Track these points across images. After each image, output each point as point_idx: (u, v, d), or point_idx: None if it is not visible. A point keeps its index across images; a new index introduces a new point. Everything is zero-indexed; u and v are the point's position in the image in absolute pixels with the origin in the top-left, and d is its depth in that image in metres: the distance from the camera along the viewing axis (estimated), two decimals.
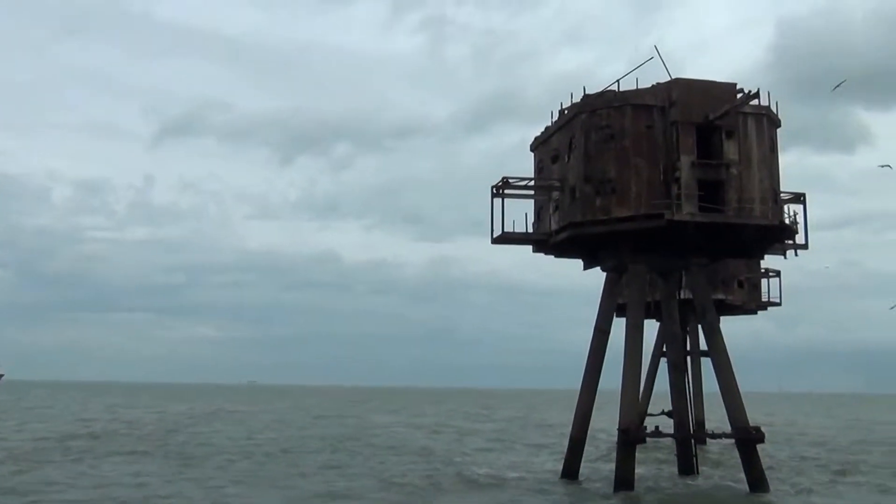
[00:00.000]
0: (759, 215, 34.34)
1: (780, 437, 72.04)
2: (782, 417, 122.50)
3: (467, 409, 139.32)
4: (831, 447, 62.91)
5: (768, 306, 63.29)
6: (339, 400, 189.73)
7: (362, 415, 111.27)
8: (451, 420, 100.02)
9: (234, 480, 37.36)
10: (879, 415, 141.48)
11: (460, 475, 40.28)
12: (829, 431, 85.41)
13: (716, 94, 34.81)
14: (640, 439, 35.02)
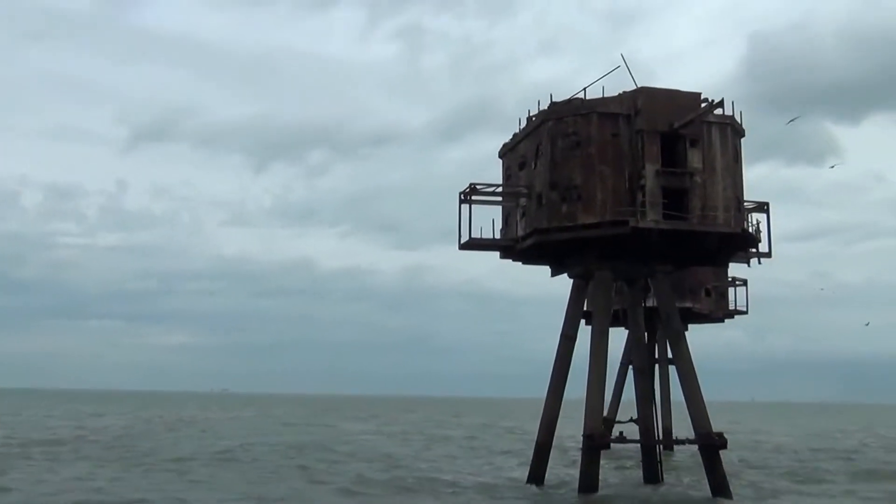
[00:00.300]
0: (723, 223, 34.73)
1: (747, 445, 72.72)
2: (750, 426, 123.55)
3: (439, 417, 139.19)
4: (794, 455, 63.58)
5: (735, 314, 63.91)
6: (311, 408, 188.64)
7: (332, 423, 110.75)
8: (421, 428, 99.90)
9: (194, 485, 37.09)
10: (846, 424, 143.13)
11: (423, 481, 40.29)
12: (793, 440, 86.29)
13: (680, 103, 35.20)
14: (605, 445, 35.22)
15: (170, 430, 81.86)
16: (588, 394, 35.70)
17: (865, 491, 40.21)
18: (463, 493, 36.31)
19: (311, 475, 41.94)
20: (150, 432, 78.81)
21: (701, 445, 35.90)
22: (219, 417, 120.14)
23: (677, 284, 60.79)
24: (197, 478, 40.11)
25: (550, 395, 38.73)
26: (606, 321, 36.95)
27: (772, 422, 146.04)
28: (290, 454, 55.20)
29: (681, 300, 60.97)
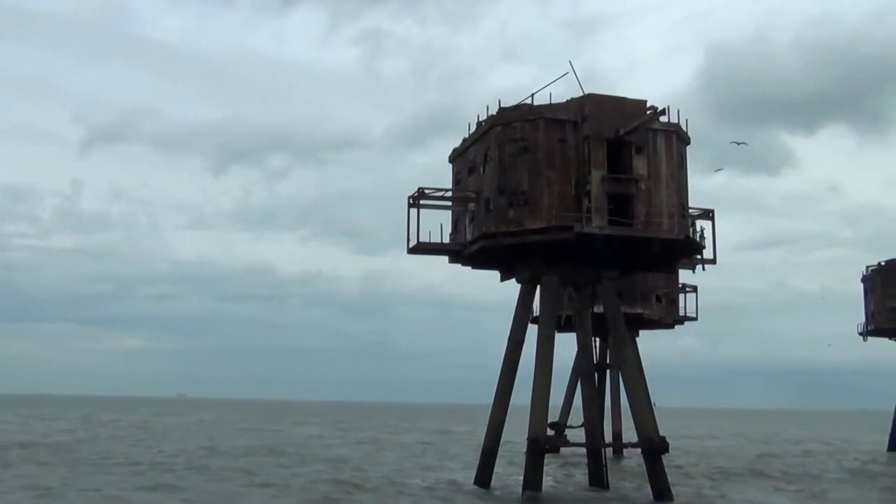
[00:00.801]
0: (667, 230, 35.17)
1: (694, 451, 73.69)
2: (701, 431, 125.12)
3: (396, 423, 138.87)
4: (738, 460, 64.55)
5: (685, 321, 64.82)
6: (267, 413, 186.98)
7: (286, 427, 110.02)
8: (375, 433, 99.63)
9: (138, 489, 36.63)
10: (795, 429, 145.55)
11: (369, 485, 40.15)
12: (740, 445, 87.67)
13: (626, 110, 35.62)
14: (549, 449, 35.39)
15: (123, 435, 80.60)
16: (533, 398, 35.90)
17: (793, 493, 40.91)
18: (407, 496, 36.25)
19: (256, 479, 41.58)
20: (103, 436, 77.65)
21: (643, 449, 36.32)
22: (175, 422, 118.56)
23: (629, 290, 61.61)
24: (145, 483, 39.55)
25: (497, 400, 38.92)
26: (552, 326, 37.23)
27: (723, 428, 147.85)
28: (238, 458, 54.72)
29: (632, 306, 61.72)
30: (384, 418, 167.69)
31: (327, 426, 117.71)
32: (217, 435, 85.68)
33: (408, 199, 37.79)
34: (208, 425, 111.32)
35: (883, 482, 47.93)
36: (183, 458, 53.32)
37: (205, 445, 66.84)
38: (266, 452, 59.67)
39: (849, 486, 45.13)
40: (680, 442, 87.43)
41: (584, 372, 41.14)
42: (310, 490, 37.96)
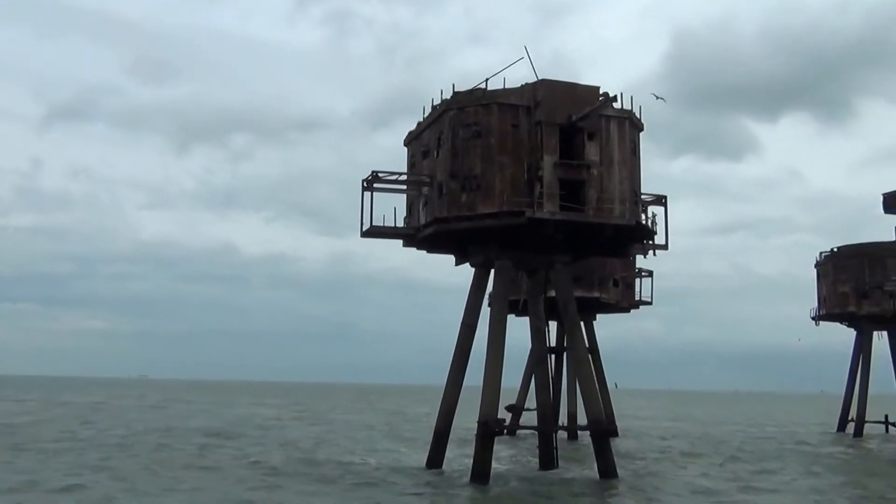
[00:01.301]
0: (618, 215, 35.44)
1: (646, 432, 74.83)
2: (656, 413, 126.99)
3: (357, 404, 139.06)
4: (688, 440, 65.81)
5: (640, 305, 65.58)
6: (228, 395, 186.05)
7: (246, 409, 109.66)
8: (335, 414, 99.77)
9: (72, 471, 36.35)
10: (750, 412, 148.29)
11: (319, 466, 40.28)
12: (692, 426, 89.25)
13: (580, 96, 35.74)
14: (499, 432, 35.64)
15: (73, 416, 79.73)
16: (485, 382, 36.10)
17: (731, 472, 41.72)
18: (355, 477, 36.37)
19: (207, 460, 41.47)
20: (53, 416, 76.82)
21: (591, 432, 36.78)
22: (128, 404, 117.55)
23: (586, 275, 62.24)
24: (93, 462, 39.32)
25: (450, 383, 39.08)
26: (505, 310, 37.38)
27: (678, 409, 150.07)
28: (192, 439, 54.54)
29: (589, 290, 62.46)
30: (345, 400, 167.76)
31: (286, 408, 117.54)
32: (172, 416, 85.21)
33: (362, 182, 37.69)
34: (165, 407, 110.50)
35: (823, 462, 49.08)
36: (131, 440, 53.02)
37: (156, 427, 66.45)
38: (222, 434, 59.46)
39: (788, 465, 46.15)
40: (633, 423, 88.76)
41: (536, 356, 41.41)
42: (254, 471, 37.98)
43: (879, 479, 40.73)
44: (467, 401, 39.12)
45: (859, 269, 67.67)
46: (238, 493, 31.31)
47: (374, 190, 37.81)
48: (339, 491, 32.55)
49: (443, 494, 32.21)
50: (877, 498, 34.12)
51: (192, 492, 31.52)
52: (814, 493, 34.71)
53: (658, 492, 33.67)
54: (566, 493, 32.57)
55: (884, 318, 68.99)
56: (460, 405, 38.61)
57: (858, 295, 68.42)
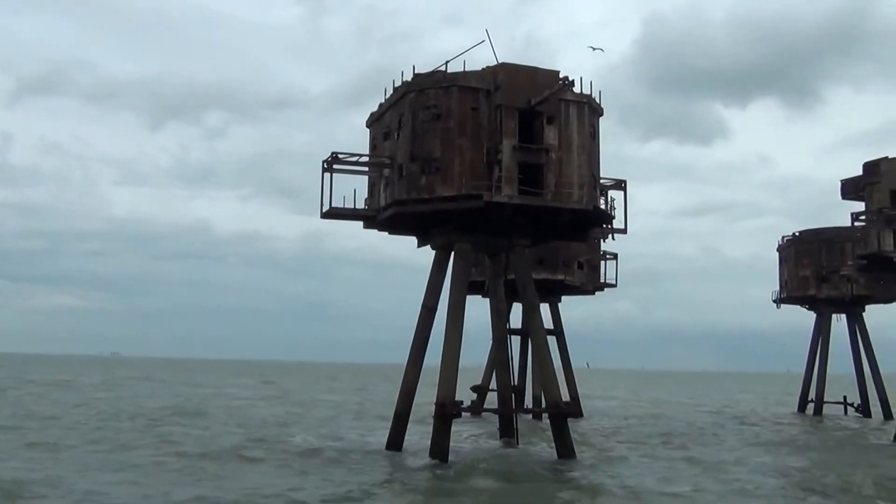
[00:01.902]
0: (576, 199, 35.69)
1: (615, 411, 75.75)
2: (625, 392, 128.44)
3: (328, 383, 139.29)
4: (650, 419, 66.75)
5: (605, 287, 66.08)
6: (199, 372, 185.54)
7: (213, 387, 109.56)
8: (302, 393, 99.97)
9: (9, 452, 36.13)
10: (717, 391, 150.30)
11: (278, 445, 40.48)
12: (655, 406, 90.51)
13: (539, 80, 35.85)
14: (456, 414, 35.94)
15: (36, 393, 79.40)
16: (442, 363, 36.36)
17: (680, 450, 42.64)
18: (312, 457, 36.63)
19: (160, 441, 41.42)
20: (10, 394, 76.40)
21: (550, 414, 37.25)
22: (95, 381, 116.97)
23: (551, 257, 62.65)
24: (34, 440, 39.51)
25: (410, 364, 39.26)
26: (463, 292, 37.58)
27: (645, 390, 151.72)
28: (151, 417, 54.63)
29: (553, 272, 62.86)
30: (316, 378, 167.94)
31: (255, 387, 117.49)
32: (137, 394, 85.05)
33: (322, 163, 37.62)
34: (132, 384, 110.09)
35: (775, 438, 50.15)
36: (84, 418, 52.99)
37: (116, 405, 66.33)
38: (183, 413, 59.51)
39: (739, 445, 47.29)
40: (600, 403, 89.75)
41: (496, 338, 41.72)
42: (210, 447, 38.15)
43: (810, 455, 41.78)
44: (434, 381, 39.26)
45: (818, 254, 68.79)
46: (180, 474, 31.35)
47: (334, 171, 37.74)
48: (280, 468, 32.87)
49: (397, 473, 32.49)
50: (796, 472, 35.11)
51: (132, 468, 31.63)
52: (751, 471, 35.51)
53: (612, 471, 34.20)
54: (522, 473, 33.01)
55: (842, 301, 70.22)
56: (428, 385, 38.86)
57: (818, 279, 69.55)
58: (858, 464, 38.90)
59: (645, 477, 33.12)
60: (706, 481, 32.59)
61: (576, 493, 29.16)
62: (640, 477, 33.07)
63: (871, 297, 70.16)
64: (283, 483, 29.44)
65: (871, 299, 70.45)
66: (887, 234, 48.17)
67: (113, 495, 26.30)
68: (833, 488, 31.54)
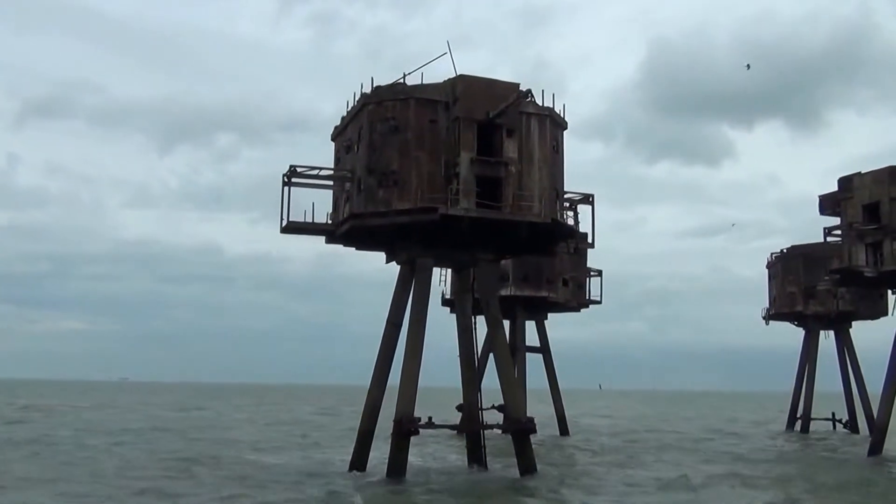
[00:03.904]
0: (535, 213, 35.15)
1: (604, 429, 74.73)
2: (624, 412, 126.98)
3: (333, 404, 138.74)
4: (630, 439, 65.79)
5: (590, 304, 65.44)
6: (203, 396, 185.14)
7: (208, 410, 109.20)
8: (300, 415, 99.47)
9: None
10: (721, 410, 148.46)
11: (242, 467, 39.97)
12: (646, 424, 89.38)
13: (498, 92, 35.44)
14: (415, 431, 35.27)
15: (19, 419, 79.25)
16: (402, 380, 35.82)
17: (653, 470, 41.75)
18: (271, 479, 36.03)
19: (118, 463, 41.03)
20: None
21: (512, 431, 36.55)
22: (85, 405, 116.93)
23: (535, 274, 62.14)
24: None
25: (374, 383, 38.66)
26: (424, 309, 36.98)
27: (645, 409, 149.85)
28: (108, 437, 54.71)
29: (538, 289, 62.29)
30: (327, 400, 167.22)
31: (251, 408, 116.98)
32: (118, 418, 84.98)
33: (282, 177, 37.29)
34: (133, 408, 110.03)
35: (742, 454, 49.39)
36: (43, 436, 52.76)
37: (84, 427, 66.12)
38: (163, 436, 59.14)
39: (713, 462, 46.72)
40: (592, 421, 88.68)
41: (463, 356, 40.78)
42: (153, 469, 37.78)
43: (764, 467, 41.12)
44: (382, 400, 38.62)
45: (802, 270, 68.12)
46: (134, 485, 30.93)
47: (294, 185, 37.40)
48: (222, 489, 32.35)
49: (334, 492, 31.93)
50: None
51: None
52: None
53: (566, 489, 33.50)
54: (477, 491, 32.35)
55: (828, 317, 69.48)
56: (420, 403, 38.26)
57: (805, 295, 68.74)
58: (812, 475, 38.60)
59: (597, 496, 32.39)
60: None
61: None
62: (591, 495, 32.35)
63: (857, 314, 69.40)
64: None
65: (857, 315, 69.67)
66: (859, 248, 47.52)
67: None
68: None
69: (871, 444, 50.51)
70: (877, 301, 66.49)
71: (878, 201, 47.05)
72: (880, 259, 47.48)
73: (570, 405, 69.21)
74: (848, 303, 68.40)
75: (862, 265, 47.93)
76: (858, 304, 68.53)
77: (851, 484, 37.67)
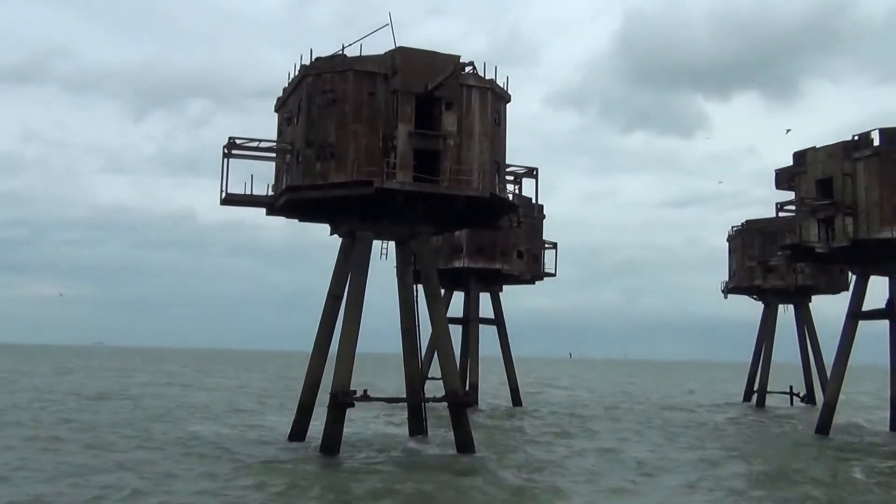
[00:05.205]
0: (475, 188, 35.05)
1: (559, 400, 75.43)
2: (583, 382, 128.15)
3: (301, 373, 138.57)
4: (586, 409, 66.54)
5: (545, 276, 65.68)
6: (178, 361, 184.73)
7: (168, 375, 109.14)
8: (253, 381, 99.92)
9: None
10: (679, 380, 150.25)
11: (178, 437, 40.08)
12: (598, 395, 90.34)
13: (438, 65, 35.05)
14: (349, 403, 35.34)
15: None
16: (339, 354, 35.83)
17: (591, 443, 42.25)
18: (198, 446, 36.28)
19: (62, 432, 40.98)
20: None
21: (448, 404, 36.75)
22: (46, 371, 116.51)
23: (490, 246, 62.15)
24: None
25: (315, 353, 38.83)
26: (363, 281, 36.90)
27: (601, 379, 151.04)
28: (69, 404, 54.74)
29: (492, 262, 62.36)
30: (290, 367, 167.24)
31: (214, 374, 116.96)
32: (75, 381, 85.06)
33: (222, 148, 36.88)
34: (82, 371, 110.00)
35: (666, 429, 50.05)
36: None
37: (42, 390, 66.02)
38: (96, 397, 59.66)
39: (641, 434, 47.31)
40: (548, 393, 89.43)
41: (404, 328, 40.77)
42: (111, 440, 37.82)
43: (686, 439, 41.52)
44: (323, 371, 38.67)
45: (760, 244, 68.50)
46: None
47: (234, 156, 37.01)
48: (162, 458, 32.51)
49: (274, 463, 32.07)
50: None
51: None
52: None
53: (494, 464, 33.71)
54: (406, 465, 32.54)
55: (788, 291, 69.97)
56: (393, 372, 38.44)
57: (764, 269, 69.24)
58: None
59: (528, 465, 32.77)
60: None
61: (431, 483, 28.70)
62: (524, 465, 32.77)
63: (817, 288, 70.01)
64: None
65: (817, 290, 70.27)
66: (811, 223, 47.69)
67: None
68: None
69: (819, 422, 49.29)
70: (836, 276, 67.21)
71: (832, 176, 46.70)
72: (831, 235, 47.58)
73: (531, 374, 69.45)
74: (808, 277, 68.86)
75: (813, 240, 47.88)
76: (818, 279, 69.12)
77: (781, 465, 35.79)
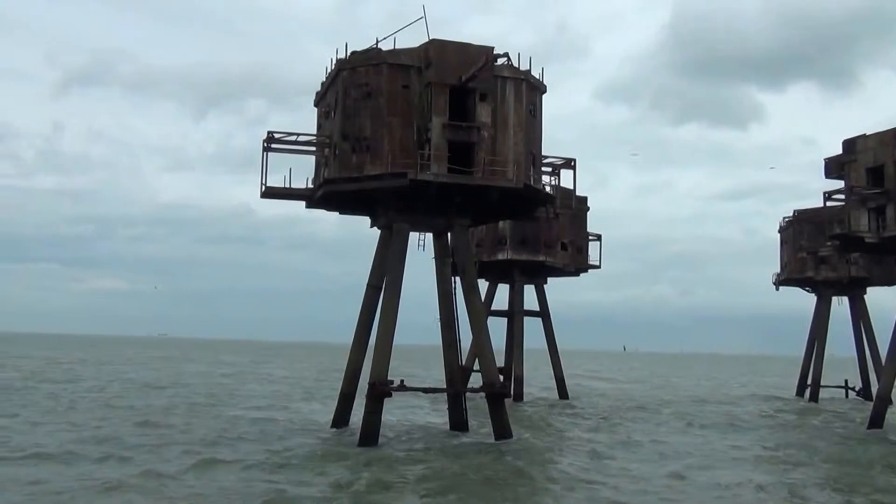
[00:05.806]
0: (509, 179, 35.06)
1: (607, 392, 74.92)
2: (634, 374, 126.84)
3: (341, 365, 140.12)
4: (631, 401, 66.02)
5: (589, 268, 65.16)
6: (238, 353, 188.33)
7: (227, 365, 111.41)
8: (307, 372, 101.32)
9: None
10: (747, 374, 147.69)
11: (220, 418, 41.19)
12: (649, 388, 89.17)
13: (471, 56, 35.16)
14: (387, 393, 35.71)
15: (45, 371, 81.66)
16: (377, 344, 36.20)
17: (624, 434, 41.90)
18: (231, 430, 37.08)
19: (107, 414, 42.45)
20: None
21: (486, 394, 36.89)
22: (111, 358, 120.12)
23: (533, 239, 61.86)
24: None
25: (355, 344, 39.28)
26: (401, 271, 37.15)
27: (652, 372, 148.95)
28: (124, 393, 56.61)
29: (535, 254, 62.07)
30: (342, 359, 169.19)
31: (273, 363, 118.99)
32: (131, 370, 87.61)
33: (262, 142, 37.52)
34: (144, 361, 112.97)
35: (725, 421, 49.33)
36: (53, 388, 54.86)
37: (99, 379, 68.27)
38: (153, 385, 61.39)
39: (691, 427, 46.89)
40: (598, 385, 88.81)
41: (443, 320, 40.88)
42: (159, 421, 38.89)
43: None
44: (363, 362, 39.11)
45: (812, 235, 66.80)
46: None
47: (274, 150, 37.62)
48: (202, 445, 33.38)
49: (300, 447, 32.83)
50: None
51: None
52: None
53: (532, 453, 33.76)
54: (444, 454, 32.76)
55: (840, 283, 68.19)
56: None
57: (816, 260, 67.58)
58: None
59: (563, 457, 32.73)
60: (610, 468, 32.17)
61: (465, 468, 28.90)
62: (560, 459, 32.72)
63: (871, 280, 68.09)
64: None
65: (871, 281, 68.34)
66: (861, 213, 46.38)
67: None
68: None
69: (871, 416, 47.76)
70: (891, 267, 65.19)
71: (883, 164, 45.25)
72: (882, 224, 46.21)
73: (581, 367, 69.11)
74: (861, 268, 67.00)
75: (863, 230, 46.49)
76: (872, 270, 67.22)
77: (831, 460, 35.22)
